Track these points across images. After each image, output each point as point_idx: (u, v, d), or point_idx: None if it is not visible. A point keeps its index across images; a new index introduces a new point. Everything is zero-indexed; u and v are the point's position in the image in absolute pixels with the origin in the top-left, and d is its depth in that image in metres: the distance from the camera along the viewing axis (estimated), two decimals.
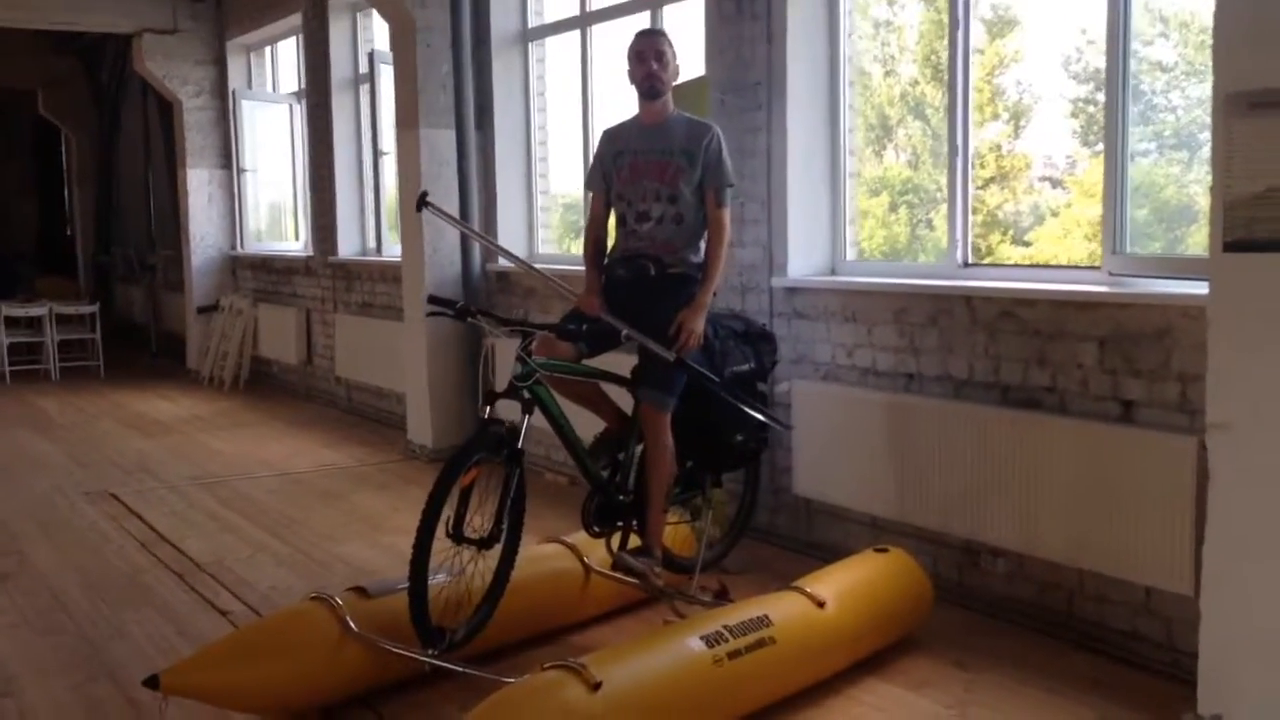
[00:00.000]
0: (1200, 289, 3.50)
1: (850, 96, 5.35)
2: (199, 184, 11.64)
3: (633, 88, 4.25)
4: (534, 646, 4.06)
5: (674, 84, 4.31)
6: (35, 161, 18.74)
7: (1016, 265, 4.80)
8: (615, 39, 6.76)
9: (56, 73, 15.41)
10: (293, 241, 11.19)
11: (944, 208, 5.40)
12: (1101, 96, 4.32)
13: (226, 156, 11.64)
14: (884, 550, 4.23)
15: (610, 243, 4.34)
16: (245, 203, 11.57)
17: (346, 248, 9.53)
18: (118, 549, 5.40)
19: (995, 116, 5.53)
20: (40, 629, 4.32)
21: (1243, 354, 3.20)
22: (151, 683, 3.20)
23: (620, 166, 4.21)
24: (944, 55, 4.89)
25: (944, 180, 5.01)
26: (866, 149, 5.90)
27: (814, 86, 5.28)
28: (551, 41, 7.44)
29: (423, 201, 4.37)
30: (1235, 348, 3.22)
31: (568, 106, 7.30)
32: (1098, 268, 4.27)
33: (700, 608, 4.10)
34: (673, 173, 4.10)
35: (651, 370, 4.03)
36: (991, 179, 5.51)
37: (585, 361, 4.08)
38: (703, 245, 4.14)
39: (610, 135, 4.36)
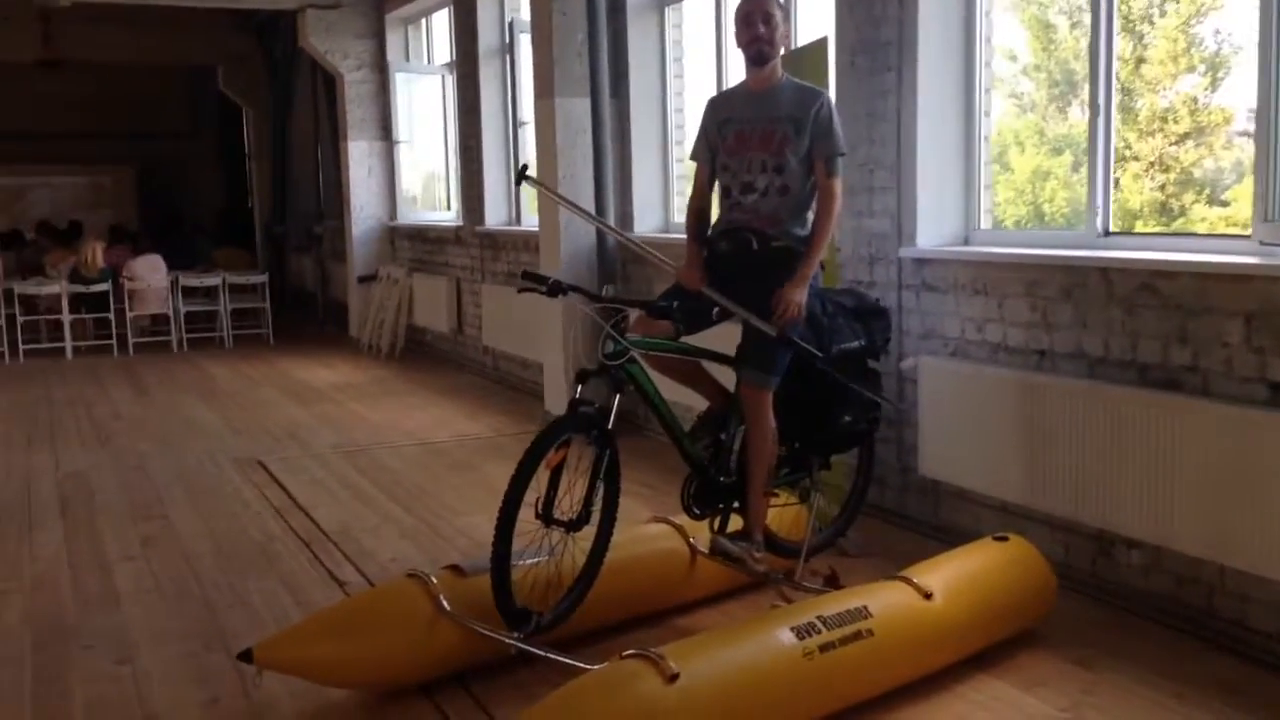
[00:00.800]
0: None
1: (986, 54, 5.05)
2: (359, 156, 11.96)
3: (740, 52, 4.07)
4: (636, 629, 4.00)
5: (787, 48, 4.12)
6: (221, 136, 19.64)
7: (1159, 234, 4.45)
8: None
9: (235, 50, 16.06)
10: (445, 212, 11.38)
11: (1132, 165, 5.05)
12: None
13: (386, 129, 11.92)
14: (1003, 539, 3.99)
15: (714, 215, 4.22)
16: (400, 173, 11.83)
17: (493, 217, 9.63)
18: (255, 516, 5.59)
19: (1190, 69, 5.16)
20: (169, 595, 4.49)
21: None
22: (245, 656, 3.28)
23: (725, 136, 4.05)
24: (1135, 4, 4.51)
25: (1133, 137, 4.67)
26: (1050, 105, 5.60)
27: (947, 45, 5.00)
28: (688, 6, 7.30)
29: (522, 175, 4.32)
30: None
31: (705, 72, 7.15)
32: (1247, 236, 3.91)
33: (807, 594, 3.97)
34: (779, 141, 3.92)
35: (753, 348, 3.88)
36: (1186, 134, 5.14)
37: (684, 339, 3.97)
38: (810, 217, 3.95)
39: (715, 103, 4.21)
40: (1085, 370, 4.28)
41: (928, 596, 3.56)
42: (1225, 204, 4.92)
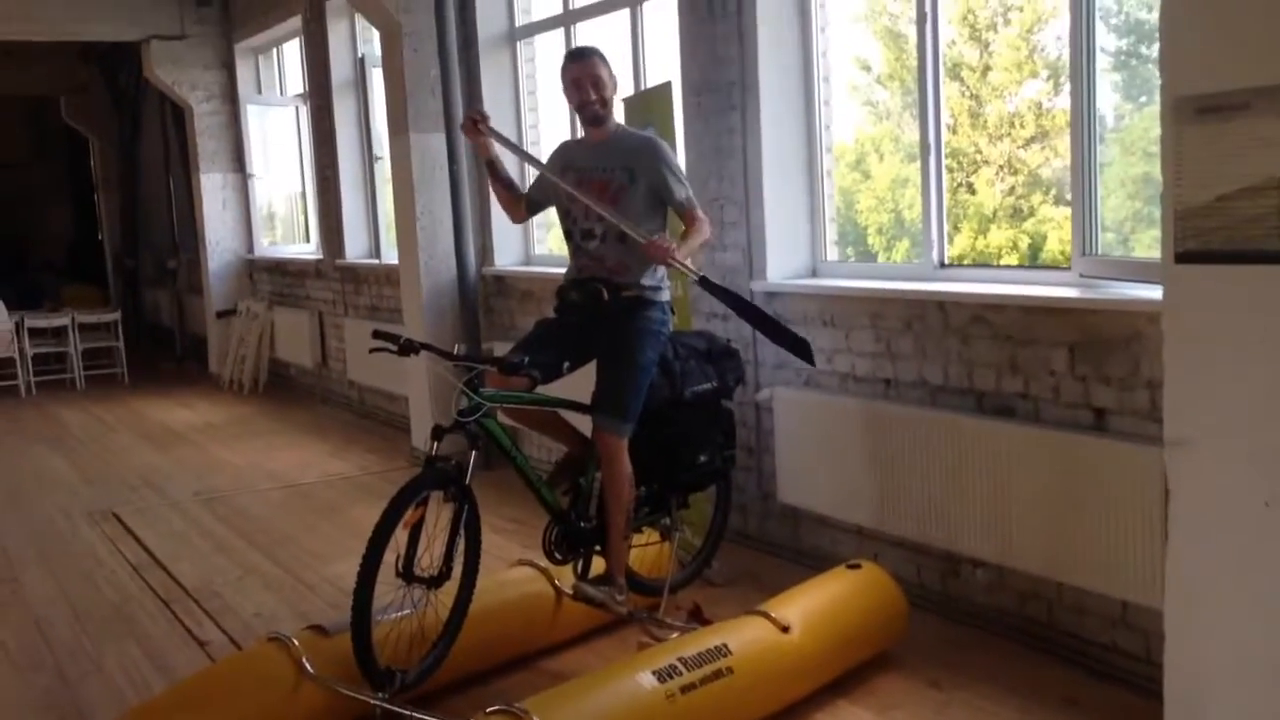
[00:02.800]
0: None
1: (826, 93, 5.23)
2: (213, 188, 11.71)
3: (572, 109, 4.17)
4: (505, 673, 4.04)
5: (622, 96, 4.22)
6: (68, 167, 18.94)
7: (989, 266, 4.68)
8: (599, 35, 6.67)
9: (78, 80, 15.55)
10: (305, 244, 11.22)
11: (985, 171, 5.22)
12: (1145, 49, 4.08)
13: (240, 160, 11.70)
14: (856, 566, 4.15)
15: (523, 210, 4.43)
16: (255, 207, 11.64)
17: (354, 250, 9.54)
18: (109, 574, 5.44)
19: (1034, 75, 5.39)
20: (22, 665, 4.35)
21: (1199, 368, 3.07)
22: None
23: (568, 183, 4.14)
24: (980, 15, 4.72)
25: (984, 142, 4.82)
26: (904, 113, 5.76)
27: (787, 85, 5.16)
28: (540, 40, 7.37)
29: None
30: (1192, 361, 3.09)
31: (559, 103, 7.22)
32: (1068, 269, 4.15)
33: (672, 630, 4.05)
34: (614, 191, 4.03)
35: (608, 396, 3.96)
36: (1032, 138, 5.37)
37: (540, 389, 4.02)
38: (659, 270, 4.06)
39: (562, 149, 4.30)
40: (927, 398, 4.47)
41: (785, 630, 3.67)
42: (1070, 203, 5.16)
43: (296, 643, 3.58)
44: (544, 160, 4.39)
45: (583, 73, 4.03)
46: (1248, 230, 2.93)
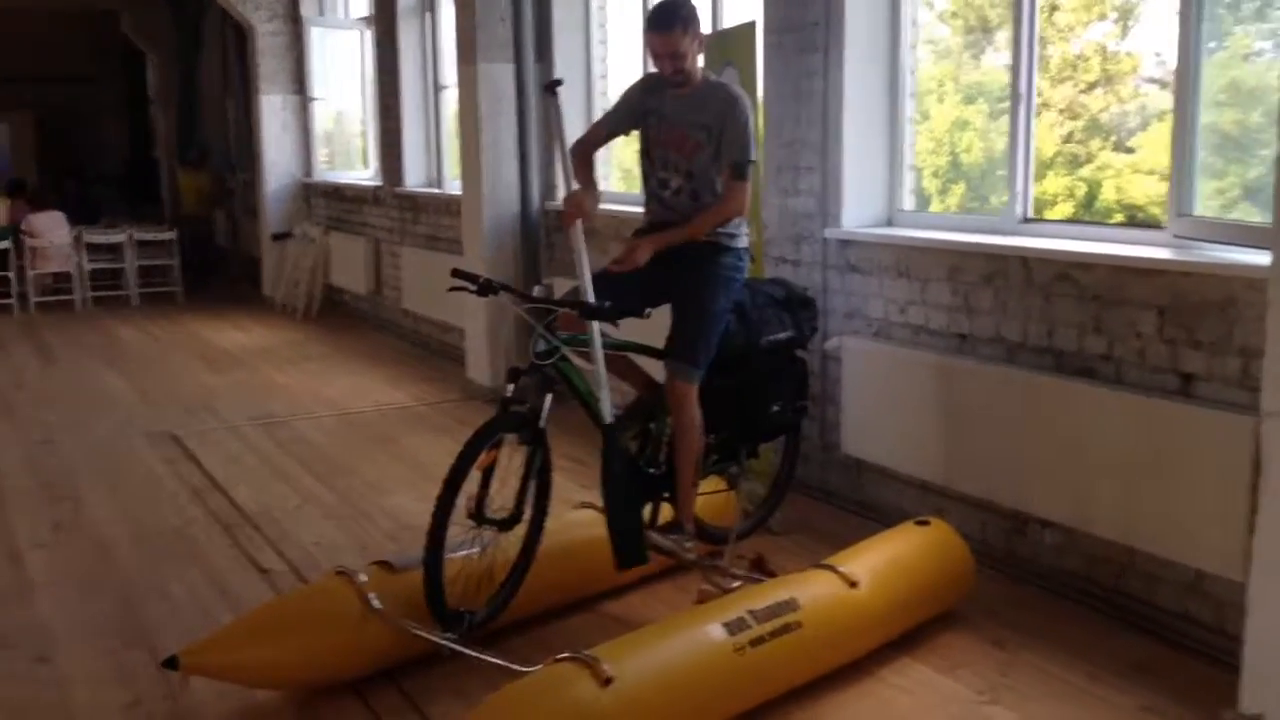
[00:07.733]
0: (1266, 259, 3.24)
1: (913, 37, 5.07)
2: (272, 110, 11.67)
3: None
4: (568, 614, 4.04)
5: (717, 36, 4.11)
6: (125, 82, 18.95)
7: (1076, 222, 4.54)
8: None
9: None
10: (363, 170, 11.17)
11: (1046, 115, 5.05)
12: None
13: (300, 82, 11.64)
14: (925, 523, 4.09)
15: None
16: (315, 130, 11.59)
17: (413, 179, 9.48)
18: (170, 496, 5.48)
19: (1102, 17, 5.21)
20: (84, 587, 4.37)
21: None
22: (170, 663, 3.22)
23: (650, 124, 4.04)
24: None
25: (1046, 85, 4.67)
26: (965, 53, 5.64)
27: (874, 28, 5.02)
28: None
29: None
30: None
31: (631, 35, 7.09)
32: (1162, 228, 4.01)
33: (735, 578, 4.02)
34: (691, 148, 3.93)
35: (681, 343, 3.90)
36: (1095, 83, 5.20)
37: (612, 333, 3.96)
38: (734, 221, 3.97)
39: (649, 86, 4.12)
40: (1004, 355, 4.37)
41: (853, 585, 3.62)
42: (1130, 150, 4.98)
43: (363, 578, 3.57)
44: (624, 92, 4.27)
45: (664, 49, 3.85)
46: None
